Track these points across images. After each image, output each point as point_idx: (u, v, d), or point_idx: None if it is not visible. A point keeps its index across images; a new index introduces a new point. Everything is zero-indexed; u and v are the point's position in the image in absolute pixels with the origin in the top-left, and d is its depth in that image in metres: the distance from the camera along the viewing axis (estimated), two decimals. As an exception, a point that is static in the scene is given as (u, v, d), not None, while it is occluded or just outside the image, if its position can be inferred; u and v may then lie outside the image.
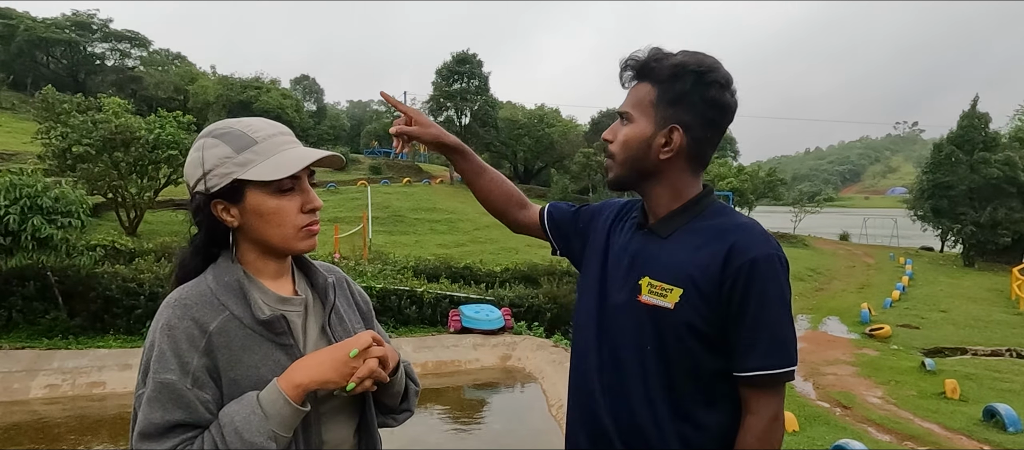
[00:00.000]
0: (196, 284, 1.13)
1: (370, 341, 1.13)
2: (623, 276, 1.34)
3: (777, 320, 1.22)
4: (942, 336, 12.69)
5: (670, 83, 1.27)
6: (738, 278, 1.20)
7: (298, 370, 1.08)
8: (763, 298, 1.20)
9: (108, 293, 8.19)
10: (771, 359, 1.21)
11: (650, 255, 1.31)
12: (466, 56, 38.34)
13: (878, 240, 34.81)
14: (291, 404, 1.05)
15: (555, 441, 5.98)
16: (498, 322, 9.37)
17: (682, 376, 1.26)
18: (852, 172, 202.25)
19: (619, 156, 1.34)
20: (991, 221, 24.65)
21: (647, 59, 1.30)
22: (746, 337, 1.21)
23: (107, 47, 46.53)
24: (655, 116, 1.29)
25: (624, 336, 1.31)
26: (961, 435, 6.74)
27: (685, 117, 1.28)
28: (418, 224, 24.25)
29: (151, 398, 1.03)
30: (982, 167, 25.10)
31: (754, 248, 1.22)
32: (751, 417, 1.24)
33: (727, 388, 1.26)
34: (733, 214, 1.33)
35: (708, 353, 1.24)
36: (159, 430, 1.02)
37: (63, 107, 18.88)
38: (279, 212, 1.15)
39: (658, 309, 1.26)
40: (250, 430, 1.02)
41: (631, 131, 1.31)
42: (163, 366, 1.03)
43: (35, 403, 6.64)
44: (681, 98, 1.27)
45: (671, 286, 1.25)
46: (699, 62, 1.27)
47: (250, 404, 1.04)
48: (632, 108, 1.31)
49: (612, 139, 1.35)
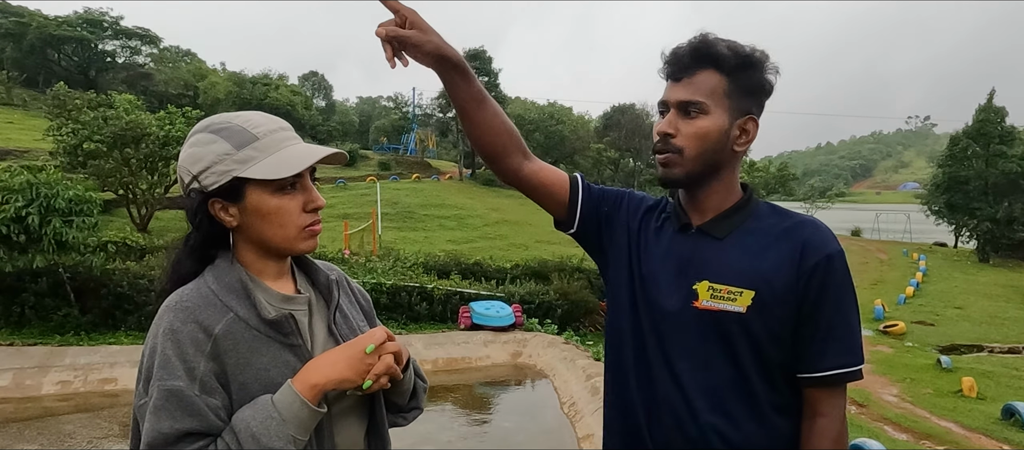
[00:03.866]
0: (196, 286, 1.08)
1: (384, 336, 1.11)
2: (672, 281, 1.26)
3: (852, 317, 1.20)
4: (958, 333, 12.55)
5: (741, 71, 1.22)
6: (814, 275, 1.17)
7: (313, 370, 1.05)
8: (840, 295, 1.19)
9: (120, 290, 8.23)
10: (847, 357, 1.18)
11: (706, 258, 1.24)
12: (476, 52, 38.30)
13: (891, 236, 34.51)
14: (308, 406, 1.02)
15: (567, 439, 5.94)
16: (508, 319, 9.34)
17: (755, 382, 1.21)
18: (863, 167, 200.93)
19: (692, 150, 1.23)
20: (1008, 216, 24.36)
21: (713, 47, 1.21)
22: (821, 335, 1.18)
23: (118, 44, 46.82)
24: (729, 106, 1.22)
25: (681, 346, 1.23)
26: (980, 434, 6.64)
27: (754, 107, 1.25)
28: (428, 220, 24.25)
29: (158, 407, 0.98)
30: (998, 161, 24.79)
31: (828, 245, 1.20)
32: (822, 419, 1.20)
33: (792, 391, 1.23)
34: (790, 212, 1.29)
35: (780, 355, 1.20)
36: (168, 440, 0.97)
37: (74, 104, 19.00)
38: (280, 212, 1.09)
39: (726, 314, 1.19)
40: (268, 435, 0.98)
41: (707, 123, 1.22)
42: (169, 373, 0.99)
43: (47, 399, 6.66)
44: (753, 87, 1.24)
45: (740, 289, 1.19)
46: (756, 49, 1.23)
47: (265, 408, 1.00)
48: (707, 98, 1.21)
49: (675, 133, 1.24)
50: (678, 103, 1.23)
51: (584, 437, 5.72)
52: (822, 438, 1.19)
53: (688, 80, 1.23)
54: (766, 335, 1.18)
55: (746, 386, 1.20)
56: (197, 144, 1.09)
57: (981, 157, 25.34)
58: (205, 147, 1.08)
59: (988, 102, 26.12)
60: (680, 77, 1.24)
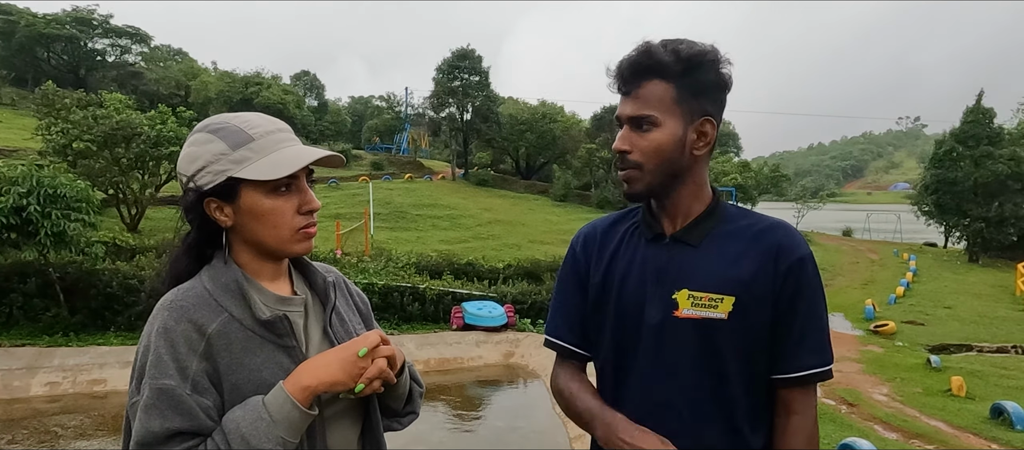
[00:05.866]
0: (191, 285, 1.08)
1: (378, 340, 1.10)
2: (651, 292, 1.24)
3: (822, 317, 1.23)
4: (947, 332, 12.63)
5: (688, 75, 1.19)
6: (789, 278, 1.19)
7: (305, 372, 1.05)
8: (812, 296, 1.21)
9: (109, 290, 8.17)
10: (819, 357, 1.21)
11: (683, 266, 1.23)
12: (466, 52, 38.27)
13: (881, 236, 34.74)
14: (299, 408, 1.02)
15: (559, 439, 5.94)
16: (501, 319, 9.34)
17: (738, 388, 1.21)
18: (854, 168, 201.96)
19: (649, 164, 1.21)
20: (999, 217, 24.57)
21: (654, 56, 1.19)
22: (795, 336, 1.20)
23: (108, 43, 46.46)
24: (681, 112, 1.20)
25: (662, 357, 1.22)
26: (968, 433, 6.68)
27: (709, 106, 1.22)
28: (420, 220, 24.23)
29: (149, 406, 0.98)
30: (987, 162, 24.98)
31: (800, 247, 1.22)
32: (796, 418, 1.22)
33: (768, 393, 1.24)
34: (757, 214, 1.30)
35: (762, 359, 1.21)
36: (158, 439, 0.97)
37: (64, 103, 18.85)
38: (275, 213, 1.09)
39: (708, 321, 1.19)
40: (257, 436, 0.98)
41: (660, 135, 1.20)
42: (161, 371, 0.99)
43: (36, 401, 6.61)
44: (704, 88, 1.20)
45: (721, 295, 1.19)
46: (703, 47, 1.20)
47: (256, 409, 1.00)
48: (655, 110, 1.19)
49: (630, 149, 1.23)
50: (629, 118, 1.22)
51: (576, 437, 5.72)
52: (796, 436, 1.21)
53: (636, 93, 1.21)
54: (749, 340, 1.19)
55: (727, 392, 1.20)
56: (195, 143, 1.09)
57: (970, 158, 25.53)
58: (202, 147, 1.08)
59: (977, 103, 26.32)
60: (628, 91, 1.22)
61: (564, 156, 41.16)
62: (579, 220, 29.19)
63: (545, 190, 36.87)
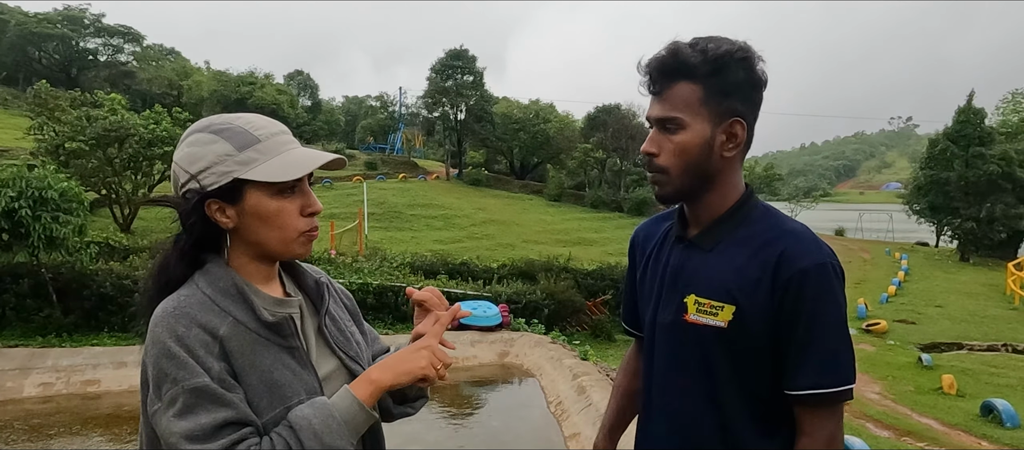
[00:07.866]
0: (190, 292, 1.06)
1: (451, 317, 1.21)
2: (667, 294, 1.26)
3: (830, 335, 1.13)
4: (938, 331, 12.73)
5: (717, 75, 1.16)
6: (788, 290, 1.12)
7: (380, 371, 1.09)
8: (815, 311, 1.12)
9: (102, 290, 8.14)
10: (824, 377, 1.13)
11: (694, 270, 1.23)
12: (460, 52, 38.26)
13: (874, 235, 34.92)
14: (366, 410, 1.06)
15: (553, 438, 5.95)
16: (495, 319, 9.34)
17: (738, 398, 1.19)
18: (847, 167, 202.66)
19: (676, 167, 1.20)
20: (989, 217, 24.75)
21: (681, 56, 1.16)
22: (797, 353, 1.13)
23: (100, 42, 46.30)
24: (709, 114, 1.17)
25: (673, 358, 1.25)
26: (959, 430, 6.75)
27: (740, 106, 1.18)
28: (414, 220, 24.22)
29: (189, 405, 0.97)
30: (978, 162, 25.15)
31: (805, 257, 1.13)
32: (805, 438, 1.16)
33: (781, 408, 1.19)
34: (781, 218, 1.24)
35: (762, 372, 1.17)
36: (207, 432, 0.96)
37: (57, 103, 18.77)
38: (280, 214, 1.09)
39: (709, 328, 1.18)
40: (330, 433, 1.01)
41: (687, 137, 1.18)
42: (189, 372, 0.98)
43: (29, 402, 6.58)
44: (733, 88, 1.17)
45: (722, 303, 1.17)
46: (735, 45, 1.17)
47: (325, 407, 1.03)
48: (681, 112, 1.17)
49: (657, 151, 1.21)
50: (657, 120, 1.21)
51: (570, 436, 5.74)
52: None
53: (664, 95, 1.19)
54: (746, 350, 1.17)
55: (726, 400, 1.20)
56: (196, 144, 1.07)
57: (960, 158, 25.70)
58: (205, 147, 1.06)
59: (968, 103, 26.49)
60: (657, 92, 1.20)
61: (558, 156, 41.21)
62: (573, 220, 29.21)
63: (539, 190, 36.88)
